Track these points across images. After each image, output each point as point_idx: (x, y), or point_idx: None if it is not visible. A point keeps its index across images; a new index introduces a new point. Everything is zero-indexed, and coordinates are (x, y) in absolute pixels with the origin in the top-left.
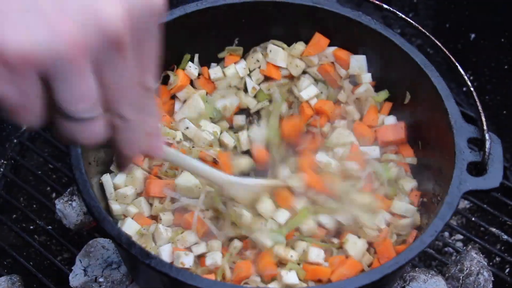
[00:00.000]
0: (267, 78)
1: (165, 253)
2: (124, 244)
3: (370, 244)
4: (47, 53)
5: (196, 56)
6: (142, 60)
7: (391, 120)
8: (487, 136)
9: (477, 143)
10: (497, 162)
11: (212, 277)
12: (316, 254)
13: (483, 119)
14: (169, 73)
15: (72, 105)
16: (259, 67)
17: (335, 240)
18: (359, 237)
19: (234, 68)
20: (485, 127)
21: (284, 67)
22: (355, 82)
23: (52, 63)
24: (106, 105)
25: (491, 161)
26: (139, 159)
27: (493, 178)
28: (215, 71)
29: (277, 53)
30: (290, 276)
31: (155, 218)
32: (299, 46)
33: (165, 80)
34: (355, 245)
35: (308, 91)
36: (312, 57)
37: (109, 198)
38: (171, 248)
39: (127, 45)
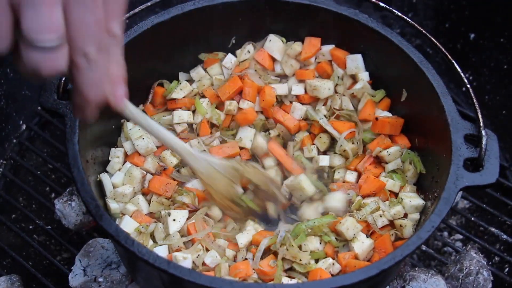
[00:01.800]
0: None
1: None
2: (122, 241)
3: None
4: None
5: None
6: (110, 4)
7: (386, 115)
8: (483, 132)
9: (473, 139)
10: (494, 158)
11: (211, 274)
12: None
13: (480, 115)
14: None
15: (37, 34)
16: (250, 57)
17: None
18: (367, 236)
19: (218, 66)
20: (481, 123)
21: (278, 60)
22: (354, 78)
23: None
24: (70, 41)
25: (487, 157)
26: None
27: (489, 174)
28: (197, 71)
29: (275, 44)
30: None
31: (153, 216)
32: (296, 47)
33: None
34: (362, 244)
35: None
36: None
37: (108, 196)
38: (167, 249)
39: None
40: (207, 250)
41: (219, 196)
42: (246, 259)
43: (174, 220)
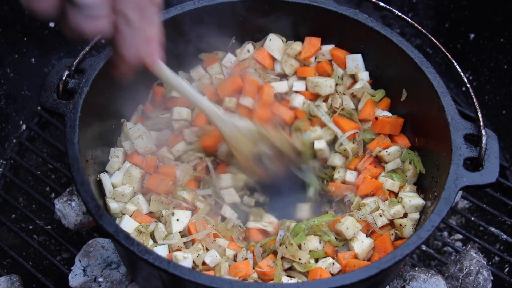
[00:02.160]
0: None
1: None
2: (122, 241)
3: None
4: None
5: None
6: None
7: (386, 115)
8: (483, 131)
9: (473, 139)
10: (494, 157)
11: (211, 273)
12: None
13: (480, 114)
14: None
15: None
16: (249, 57)
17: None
18: (367, 236)
19: (218, 66)
20: (481, 123)
21: (278, 59)
22: (354, 78)
23: None
24: (113, 5)
25: (487, 157)
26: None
27: (489, 173)
28: (197, 71)
29: (275, 43)
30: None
31: (153, 215)
32: (296, 46)
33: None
34: (362, 244)
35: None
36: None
37: (108, 196)
38: (167, 249)
39: None
40: (207, 249)
41: (243, 156)
42: (246, 258)
43: (177, 220)
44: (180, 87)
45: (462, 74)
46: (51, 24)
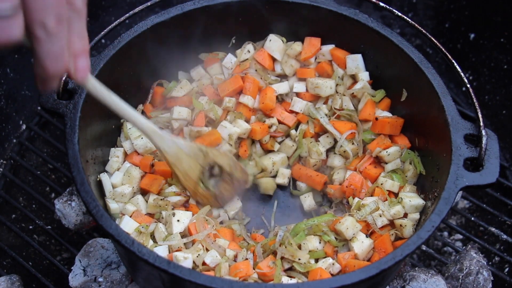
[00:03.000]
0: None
1: (160, 254)
2: (122, 241)
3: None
4: None
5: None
6: None
7: (386, 115)
8: (483, 132)
9: (473, 139)
10: (494, 157)
11: (211, 274)
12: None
13: (480, 114)
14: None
15: None
16: (250, 57)
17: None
18: (367, 236)
19: (218, 66)
20: (481, 123)
21: (278, 59)
22: (354, 79)
23: None
24: (28, 11)
25: (487, 157)
26: None
27: (489, 174)
28: (197, 71)
29: (275, 43)
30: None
31: (153, 216)
32: (296, 47)
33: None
34: (362, 244)
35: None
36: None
37: (107, 196)
38: (167, 249)
39: None
40: (207, 250)
41: (185, 177)
42: (246, 259)
43: (178, 221)
44: (113, 103)
45: (462, 74)
46: None
